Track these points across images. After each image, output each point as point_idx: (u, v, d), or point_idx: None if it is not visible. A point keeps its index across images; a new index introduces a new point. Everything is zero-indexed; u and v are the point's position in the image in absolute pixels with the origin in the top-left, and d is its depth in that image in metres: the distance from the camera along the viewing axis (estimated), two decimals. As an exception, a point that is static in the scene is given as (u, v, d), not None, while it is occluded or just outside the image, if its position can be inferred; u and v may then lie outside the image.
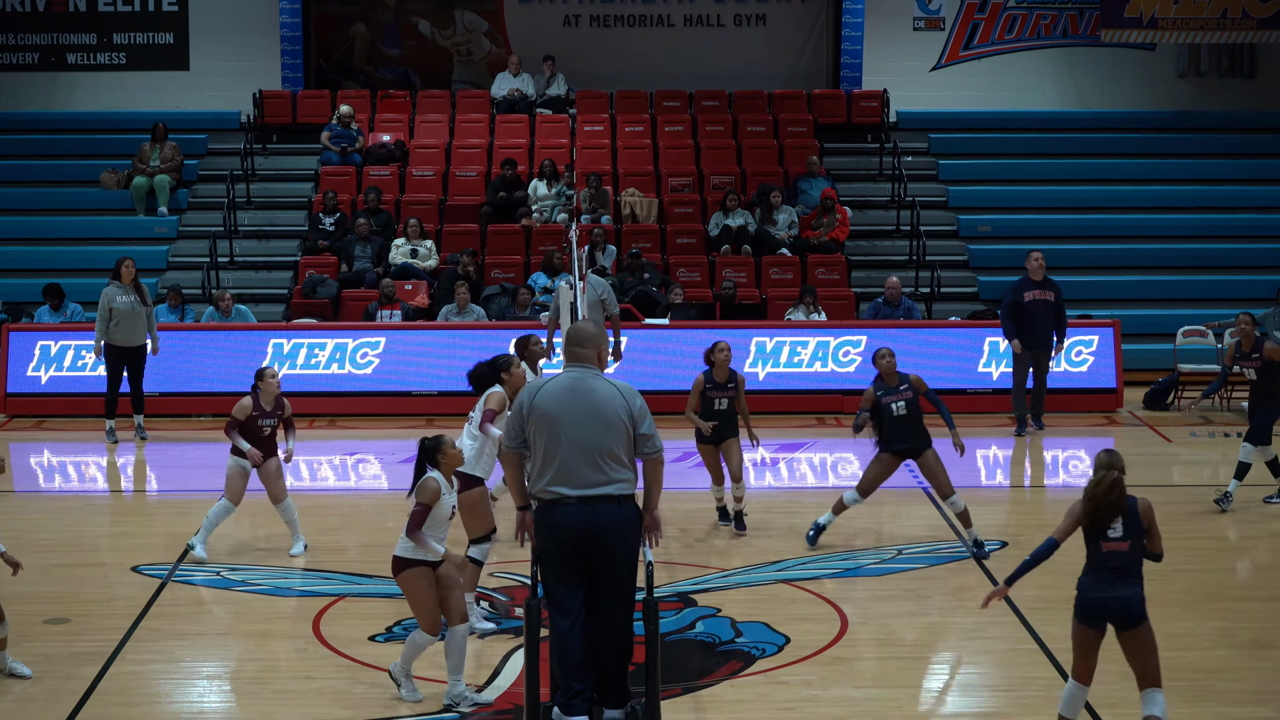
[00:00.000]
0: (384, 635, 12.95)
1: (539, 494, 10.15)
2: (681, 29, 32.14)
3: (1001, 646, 11.94)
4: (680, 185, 28.96)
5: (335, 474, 20.16)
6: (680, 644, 12.71)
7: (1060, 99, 32.08)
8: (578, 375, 10.23)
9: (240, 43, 31.61)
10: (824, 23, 32.29)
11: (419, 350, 23.32)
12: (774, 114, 30.79)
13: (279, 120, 30.79)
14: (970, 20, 31.99)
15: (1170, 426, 22.57)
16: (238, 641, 12.97)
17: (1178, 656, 12.38)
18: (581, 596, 10.17)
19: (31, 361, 23.35)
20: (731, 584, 14.35)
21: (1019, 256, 25.95)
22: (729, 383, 16.06)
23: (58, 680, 11.81)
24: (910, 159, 30.31)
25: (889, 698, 11.61)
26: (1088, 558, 10.11)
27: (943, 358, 23.39)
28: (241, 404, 15.21)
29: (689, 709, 11.28)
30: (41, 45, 31.75)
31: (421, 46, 32.46)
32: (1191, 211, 29.42)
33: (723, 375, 16.07)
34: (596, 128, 30.40)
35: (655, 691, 10.19)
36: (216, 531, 15.51)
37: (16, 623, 12.25)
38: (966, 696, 11.88)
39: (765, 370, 23.38)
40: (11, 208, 29.24)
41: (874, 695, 11.60)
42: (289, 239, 28.36)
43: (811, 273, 26.66)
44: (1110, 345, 23.59)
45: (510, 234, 27.36)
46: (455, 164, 29.50)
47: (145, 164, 28.88)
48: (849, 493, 15.51)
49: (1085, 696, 10.23)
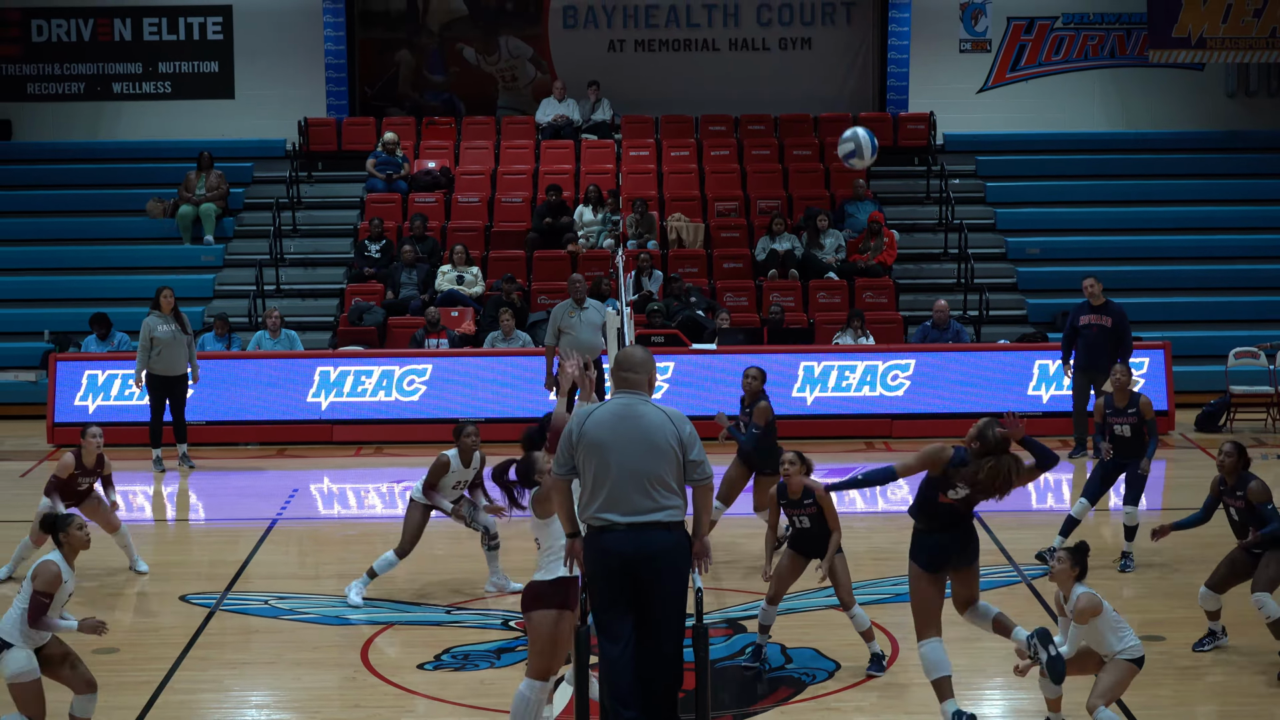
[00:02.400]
0: (433, 664, 12.88)
1: (588, 520, 10.08)
2: (726, 53, 32.11)
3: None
4: (726, 210, 28.89)
5: (383, 502, 20.11)
6: (730, 670, 12.63)
7: (1108, 120, 31.92)
8: (627, 401, 10.16)
9: (285, 70, 31.68)
10: (869, 46, 32.22)
11: (466, 377, 23.28)
12: (820, 137, 30.69)
13: (324, 148, 30.84)
14: (1017, 42, 31.86)
15: (1222, 449, 22.33)
16: (286, 670, 12.91)
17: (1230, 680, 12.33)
18: (631, 623, 10.09)
19: (79, 391, 23.37)
20: (782, 609, 14.22)
21: (1068, 279, 25.91)
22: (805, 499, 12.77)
23: (107, 710, 11.69)
24: (958, 181, 30.20)
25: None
26: (926, 508, 11.22)
27: (991, 381, 23.28)
28: (64, 462, 15.20)
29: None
30: (88, 75, 31.89)
31: (466, 73, 32.48)
32: (1242, 232, 29.24)
33: (796, 491, 12.79)
34: (642, 153, 30.37)
35: (705, 718, 10.12)
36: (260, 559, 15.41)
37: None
38: (1019, 723, 11.76)
39: (813, 395, 23.27)
40: (58, 237, 29.30)
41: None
42: (335, 266, 28.36)
43: (859, 296, 26.56)
44: (1161, 367, 23.40)
45: (556, 260, 27.32)
46: (501, 190, 29.49)
47: (191, 192, 28.94)
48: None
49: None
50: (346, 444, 23.08)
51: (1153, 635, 13.17)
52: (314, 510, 19.67)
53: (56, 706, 10.93)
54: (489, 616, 14.23)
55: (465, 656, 13.05)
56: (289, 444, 23.12)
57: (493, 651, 13.18)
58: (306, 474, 21.43)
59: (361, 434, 23.10)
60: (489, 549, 14.92)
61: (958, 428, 23.00)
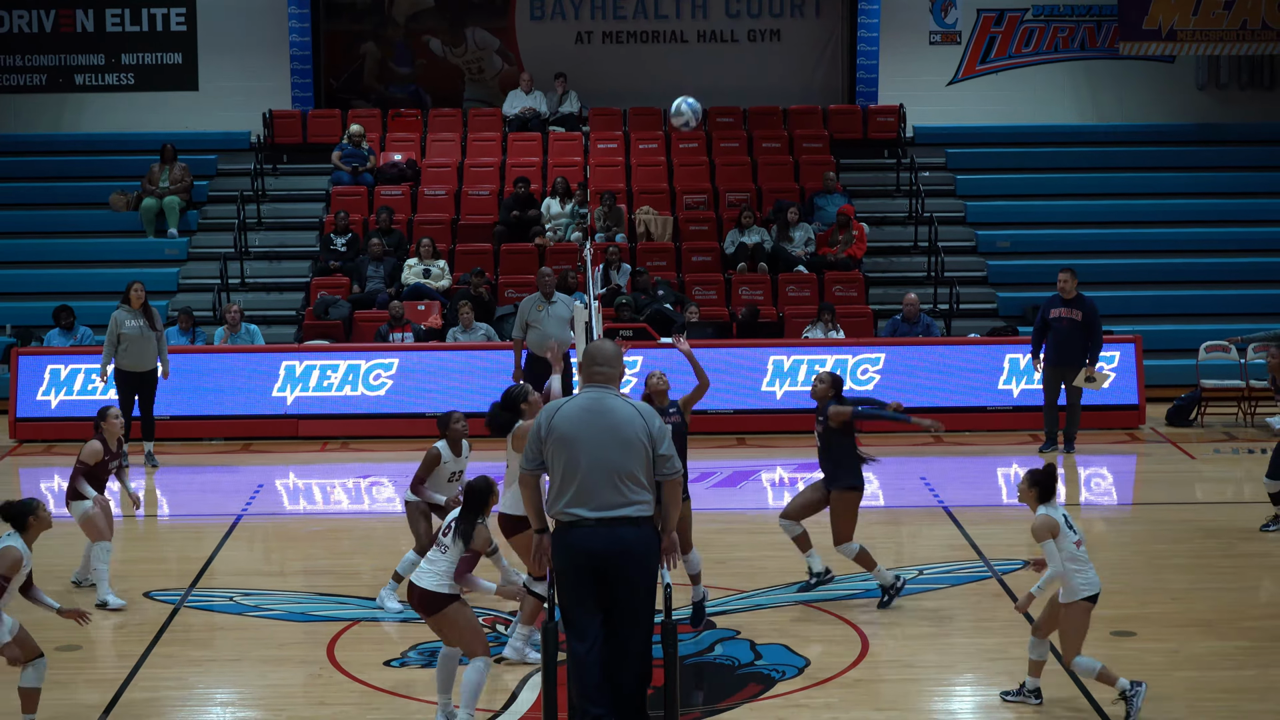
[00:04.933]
0: (399, 660, 12.76)
1: (556, 515, 10.02)
2: (695, 45, 31.99)
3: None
4: (695, 202, 28.77)
5: (349, 497, 19.96)
6: (699, 667, 12.50)
7: (1079, 112, 31.87)
8: (596, 395, 10.09)
9: (250, 62, 31.48)
10: (839, 38, 32.13)
11: (433, 371, 23.13)
12: (789, 130, 30.61)
13: (289, 140, 30.66)
14: (987, 34, 31.80)
15: (1193, 443, 22.35)
16: (251, 667, 12.77)
17: (1201, 676, 12.27)
18: (599, 619, 10.05)
19: (41, 385, 23.17)
20: (751, 605, 14.13)
21: (1039, 272, 25.90)
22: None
23: (70, 708, 11.65)
24: (928, 174, 30.13)
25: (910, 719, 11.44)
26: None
27: (962, 375, 23.22)
28: (92, 448, 14.89)
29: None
30: (49, 66, 31.63)
31: (433, 65, 32.32)
32: (1213, 225, 29.20)
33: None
34: (610, 145, 30.24)
35: (674, 715, 10.08)
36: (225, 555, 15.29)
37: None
38: (988, 718, 11.62)
39: (783, 389, 23.15)
40: (20, 230, 29.07)
41: (895, 718, 11.39)
42: (300, 260, 28.19)
43: (829, 290, 26.46)
44: (1132, 361, 23.34)
45: (524, 253, 27.19)
46: (468, 183, 29.34)
47: (155, 185, 28.75)
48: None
49: None
50: (312, 439, 22.93)
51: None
52: (279, 506, 19.50)
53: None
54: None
55: (432, 653, 12.89)
56: (254, 439, 22.95)
57: (459, 648, 13.03)
58: (272, 469, 21.27)
59: (327, 429, 22.95)
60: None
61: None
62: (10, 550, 10.96)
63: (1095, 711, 11.43)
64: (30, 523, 11.13)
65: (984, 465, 21.07)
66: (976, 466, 21.17)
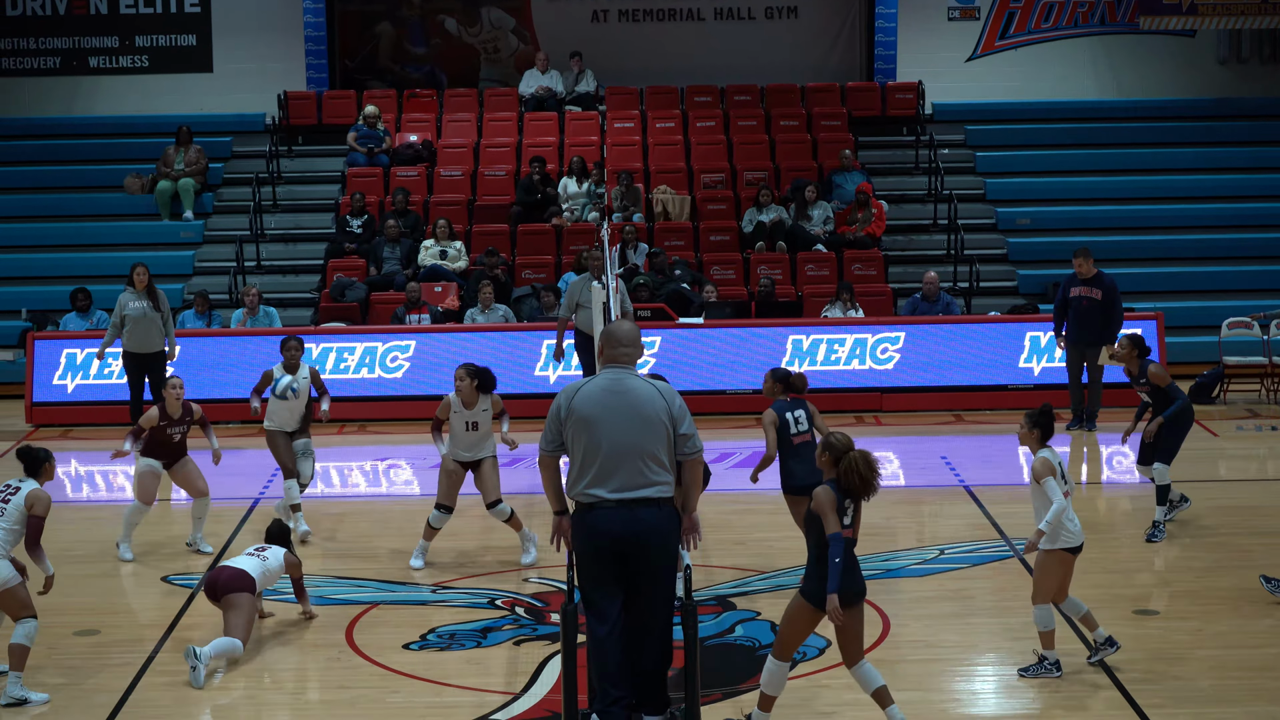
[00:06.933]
0: (418, 643, 12.68)
1: (576, 497, 9.98)
2: (712, 22, 31.83)
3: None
4: (713, 181, 28.64)
5: (366, 480, 19.91)
6: (720, 648, 12.43)
7: (1099, 88, 31.65)
8: (616, 376, 10.03)
9: (264, 43, 31.37)
10: (857, 14, 31.98)
11: (449, 353, 23.01)
12: (807, 108, 30.46)
13: (304, 122, 30.57)
14: (1006, 9, 31.58)
15: (1216, 420, 22.21)
16: (270, 651, 12.69)
17: (1227, 654, 12.21)
18: (619, 601, 10.01)
19: (57, 370, 23.12)
20: (771, 586, 14.04)
21: (1059, 249, 25.74)
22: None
23: (88, 692, 11.62)
24: (947, 152, 30.00)
25: (932, 700, 11.37)
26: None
27: (982, 353, 23.08)
28: (149, 415, 15.61)
29: (729, 714, 10.98)
30: (63, 49, 31.54)
31: (448, 45, 32.21)
32: (1235, 200, 29.03)
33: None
34: (626, 124, 30.12)
35: (695, 697, 10.00)
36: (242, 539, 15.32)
37: (46, 634, 12.14)
38: (1010, 698, 11.52)
39: (802, 369, 23.02)
40: (35, 214, 29.03)
41: (916, 698, 11.29)
42: (316, 242, 28.10)
43: (848, 269, 26.34)
44: (1154, 338, 23.18)
45: (541, 233, 27.08)
46: (484, 163, 29.23)
47: (170, 168, 28.67)
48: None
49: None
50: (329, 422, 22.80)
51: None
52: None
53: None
54: (475, 596, 14.03)
55: (451, 636, 12.85)
56: (271, 422, 22.83)
57: (479, 631, 13.00)
58: (289, 452, 21.15)
59: (344, 411, 22.76)
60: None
61: (948, 401, 23.00)
62: (43, 493, 11.55)
63: (1116, 688, 11.35)
64: (46, 469, 11.73)
65: (1005, 444, 20.91)
66: (997, 445, 21.05)
